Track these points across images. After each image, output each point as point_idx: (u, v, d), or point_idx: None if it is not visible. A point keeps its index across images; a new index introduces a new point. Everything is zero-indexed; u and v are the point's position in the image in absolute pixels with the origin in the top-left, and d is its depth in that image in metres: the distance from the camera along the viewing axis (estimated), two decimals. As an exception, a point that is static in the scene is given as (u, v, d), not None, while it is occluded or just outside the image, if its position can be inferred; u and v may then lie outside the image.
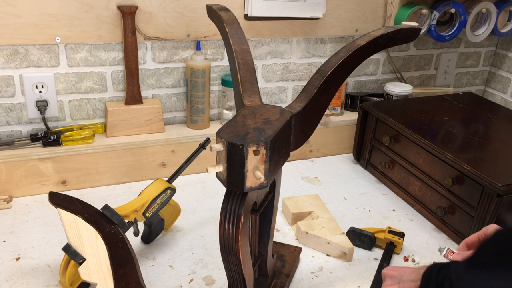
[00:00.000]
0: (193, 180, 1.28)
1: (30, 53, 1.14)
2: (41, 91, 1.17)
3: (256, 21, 1.31)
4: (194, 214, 1.14)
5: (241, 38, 0.84)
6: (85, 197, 1.17)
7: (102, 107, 1.26)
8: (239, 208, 0.66)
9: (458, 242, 1.06)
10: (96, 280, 0.77)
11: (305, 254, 1.02)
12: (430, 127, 1.23)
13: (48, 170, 1.16)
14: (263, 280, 0.87)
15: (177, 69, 1.30)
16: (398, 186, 1.26)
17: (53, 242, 1.01)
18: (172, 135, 1.27)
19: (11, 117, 1.18)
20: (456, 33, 1.47)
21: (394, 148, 1.26)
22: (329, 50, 1.45)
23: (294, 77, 1.45)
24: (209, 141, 1.02)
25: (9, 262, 0.94)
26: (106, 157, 1.20)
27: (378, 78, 1.57)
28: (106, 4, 1.15)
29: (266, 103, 0.76)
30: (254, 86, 0.78)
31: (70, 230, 0.78)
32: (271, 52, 1.38)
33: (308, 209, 1.11)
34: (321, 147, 1.46)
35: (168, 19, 1.22)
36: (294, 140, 0.75)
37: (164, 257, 0.99)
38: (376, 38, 0.78)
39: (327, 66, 0.76)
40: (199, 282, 0.92)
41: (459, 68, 1.70)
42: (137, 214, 0.90)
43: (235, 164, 0.62)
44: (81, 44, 1.18)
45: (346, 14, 1.41)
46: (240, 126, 0.66)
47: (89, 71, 1.21)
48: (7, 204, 1.12)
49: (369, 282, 0.94)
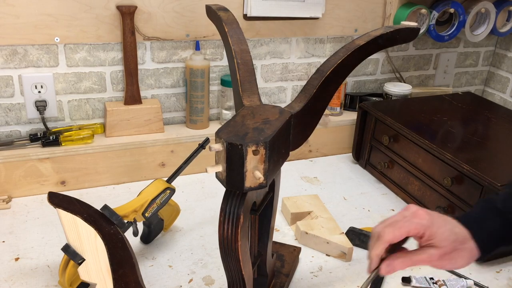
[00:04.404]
0: (193, 180, 1.28)
1: (29, 53, 1.14)
2: (40, 91, 1.17)
3: (255, 21, 1.31)
4: (193, 214, 1.14)
5: (240, 38, 0.84)
6: (84, 197, 1.17)
7: (101, 107, 1.26)
8: (238, 208, 0.66)
9: (458, 242, 1.06)
10: (96, 280, 0.77)
11: (305, 254, 1.02)
12: (429, 127, 1.23)
13: (47, 170, 1.16)
14: (262, 280, 0.87)
15: (176, 69, 1.30)
16: (397, 186, 1.26)
17: (53, 242, 1.01)
18: (172, 135, 1.27)
19: (10, 117, 1.18)
20: (455, 33, 1.47)
21: (394, 148, 1.26)
22: (328, 50, 1.45)
23: (293, 77, 1.45)
24: (208, 141, 1.02)
25: (8, 263, 0.94)
26: (105, 157, 1.20)
27: (377, 78, 1.57)
28: (105, 4, 1.15)
29: (266, 103, 0.76)
30: (253, 86, 0.77)
31: (69, 230, 0.78)
32: (270, 52, 1.38)
33: (308, 209, 1.11)
34: (320, 147, 1.46)
35: (167, 19, 1.22)
36: (293, 140, 0.75)
37: (163, 257, 0.99)
38: (375, 38, 0.78)
39: (326, 66, 0.76)
40: (198, 282, 0.92)
41: (458, 68, 1.70)
42: (137, 214, 0.90)
43: (234, 164, 0.62)
44: (80, 44, 1.17)
45: (345, 14, 1.41)
46: (240, 126, 0.66)
47: (88, 71, 1.21)
48: (6, 205, 1.12)
49: (368, 282, 0.94)
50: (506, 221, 0.71)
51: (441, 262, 0.67)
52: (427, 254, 0.67)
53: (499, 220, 0.71)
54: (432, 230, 0.66)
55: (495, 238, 0.71)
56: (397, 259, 0.67)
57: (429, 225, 0.66)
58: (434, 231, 0.66)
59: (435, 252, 0.66)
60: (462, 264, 0.68)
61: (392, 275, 0.95)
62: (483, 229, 0.70)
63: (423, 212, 0.67)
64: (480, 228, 0.70)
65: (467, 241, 0.68)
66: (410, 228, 0.66)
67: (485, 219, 0.72)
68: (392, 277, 0.95)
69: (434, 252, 0.66)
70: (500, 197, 0.75)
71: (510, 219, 0.71)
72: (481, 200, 0.77)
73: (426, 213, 0.67)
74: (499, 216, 0.72)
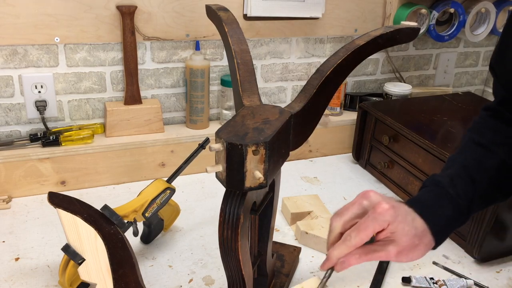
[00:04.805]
0: (193, 180, 1.28)
1: (29, 53, 1.14)
2: (40, 91, 1.17)
3: (255, 21, 1.31)
4: (193, 214, 1.14)
5: (240, 38, 0.84)
6: (84, 197, 1.17)
7: (101, 107, 1.26)
8: (238, 208, 0.66)
9: (457, 242, 1.06)
10: (96, 280, 0.77)
11: (305, 254, 1.02)
12: (429, 127, 1.23)
13: (47, 170, 1.16)
14: (262, 280, 0.87)
15: (176, 69, 1.30)
16: (397, 185, 1.26)
17: (53, 242, 1.01)
18: (172, 135, 1.27)
19: (10, 117, 1.18)
20: (455, 33, 1.47)
21: (394, 148, 1.26)
22: (328, 50, 1.45)
23: (293, 77, 1.45)
24: (208, 141, 1.02)
25: (8, 263, 0.94)
26: (105, 157, 1.20)
27: (377, 78, 1.57)
28: (105, 4, 1.15)
29: (266, 103, 0.76)
30: (253, 86, 0.77)
31: (69, 230, 0.78)
32: (270, 52, 1.38)
33: (308, 209, 1.11)
34: (320, 147, 1.46)
35: (167, 19, 1.22)
36: (293, 140, 0.75)
37: (163, 257, 0.99)
38: (375, 38, 0.78)
39: (326, 66, 0.76)
40: (198, 282, 0.92)
41: (458, 67, 1.70)
42: (137, 214, 0.90)
43: (234, 164, 0.62)
44: (80, 44, 1.17)
45: (345, 14, 1.41)
46: (240, 126, 0.66)
47: (88, 71, 1.21)
48: (6, 205, 1.12)
49: (368, 282, 0.94)
50: (458, 206, 0.72)
51: (398, 258, 0.66)
52: (385, 251, 0.65)
53: (451, 206, 0.72)
54: (393, 225, 0.64)
55: (448, 225, 0.71)
56: (353, 255, 0.65)
57: (392, 221, 0.64)
58: (395, 226, 0.64)
59: (393, 249, 0.65)
60: (418, 257, 0.68)
61: (392, 275, 0.95)
62: (440, 219, 0.70)
63: (386, 206, 0.64)
64: (436, 219, 0.69)
65: (425, 235, 0.68)
66: (375, 227, 0.64)
67: (440, 207, 0.71)
68: (392, 277, 0.95)
69: (392, 249, 0.65)
70: (446, 180, 0.74)
71: (461, 204, 0.72)
72: (430, 182, 0.75)
73: (390, 206, 0.64)
74: (452, 202, 0.72)
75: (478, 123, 0.83)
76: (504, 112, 0.80)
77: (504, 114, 0.80)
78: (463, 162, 0.77)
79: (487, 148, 0.77)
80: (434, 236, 0.69)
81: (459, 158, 0.78)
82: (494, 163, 0.76)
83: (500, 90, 0.81)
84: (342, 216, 0.68)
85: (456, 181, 0.73)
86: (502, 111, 0.80)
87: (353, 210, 0.67)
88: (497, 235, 0.99)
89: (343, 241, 0.65)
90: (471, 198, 0.73)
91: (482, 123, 0.82)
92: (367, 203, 0.67)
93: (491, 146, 0.77)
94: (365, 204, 0.67)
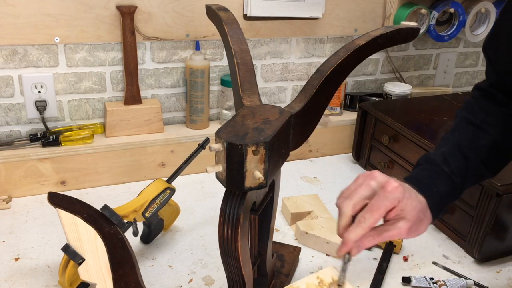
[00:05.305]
0: (193, 180, 1.28)
1: (29, 53, 1.14)
2: (40, 91, 1.17)
3: (255, 21, 1.31)
4: (193, 214, 1.14)
5: (240, 38, 0.84)
6: (84, 197, 1.17)
7: (101, 107, 1.26)
8: (238, 208, 0.66)
9: (457, 242, 1.06)
10: (96, 280, 0.77)
11: (305, 254, 1.01)
12: (429, 127, 1.23)
13: (47, 170, 1.16)
14: (262, 280, 0.87)
15: (176, 69, 1.30)
16: (397, 186, 1.26)
17: (53, 242, 1.01)
18: (171, 135, 1.27)
19: (10, 117, 1.18)
20: (455, 33, 1.47)
21: (394, 148, 1.26)
22: (328, 50, 1.45)
23: (293, 77, 1.45)
24: (208, 141, 1.02)
25: (8, 263, 0.94)
26: (105, 157, 1.20)
27: (377, 78, 1.57)
28: (105, 4, 1.15)
29: (265, 103, 0.76)
30: (253, 86, 0.77)
31: (69, 230, 0.78)
32: (270, 52, 1.38)
33: (308, 209, 1.11)
34: (320, 147, 1.46)
35: (167, 19, 1.22)
36: (293, 140, 0.75)
37: (163, 257, 0.99)
38: (375, 38, 0.78)
39: (326, 66, 0.76)
40: (198, 282, 0.92)
41: (458, 67, 1.70)
42: (137, 214, 0.90)
43: (234, 164, 0.62)
44: (80, 44, 1.17)
45: (345, 14, 1.41)
46: (239, 126, 0.66)
47: (88, 71, 1.21)
48: (6, 205, 1.12)
49: (368, 282, 0.94)
50: (452, 183, 0.75)
51: (409, 235, 0.66)
52: (397, 229, 0.65)
53: (446, 183, 0.74)
54: (403, 202, 0.65)
55: (443, 201, 0.74)
56: (367, 238, 0.65)
57: (402, 197, 0.65)
58: (404, 202, 0.65)
59: (404, 226, 0.65)
60: (423, 231, 0.69)
61: (392, 275, 0.95)
62: (436, 195, 0.72)
63: (395, 184, 0.64)
64: (434, 194, 0.72)
65: (426, 209, 0.70)
66: (387, 206, 0.64)
67: (435, 183, 0.74)
68: (392, 277, 0.95)
69: (403, 225, 0.65)
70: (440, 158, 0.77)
71: (455, 181, 0.75)
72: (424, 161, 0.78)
73: (398, 184, 0.65)
74: (447, 179, 0.75)
75: (470, 103, 0.85)
76: (496, 94, 0.81)
77: (496, 96, 0.81)
78: (457, 141, 0.79)
79: (480, 128, 0.79)
80: (432, 210, 0.71)
81: (452, 137, 0.81)
82: (486, 142, 0.78)
83: (492, 73, 0.82)
84: (352, 198, 0.67)
85: (450, 160, 0.76)
86: (494, 93, 0.82)
87: (362, 192, 0.67)
88: (497, 235, 0.99)
89: (358, 224, 0.65)
90: (464, 175, 0.76)
91: (475, 103, 0.84)
92: (375, 183, 0.66)
93: (483, 125, 0.79)
94: (373, 185, 0.66)
